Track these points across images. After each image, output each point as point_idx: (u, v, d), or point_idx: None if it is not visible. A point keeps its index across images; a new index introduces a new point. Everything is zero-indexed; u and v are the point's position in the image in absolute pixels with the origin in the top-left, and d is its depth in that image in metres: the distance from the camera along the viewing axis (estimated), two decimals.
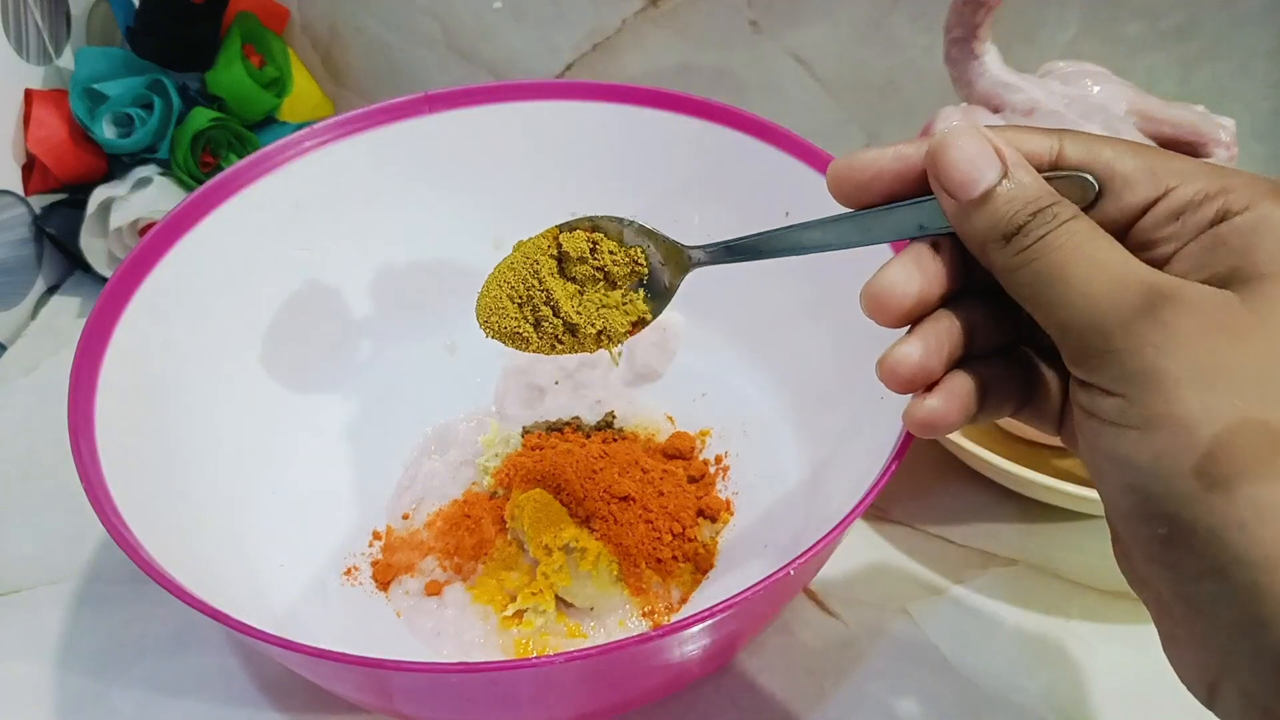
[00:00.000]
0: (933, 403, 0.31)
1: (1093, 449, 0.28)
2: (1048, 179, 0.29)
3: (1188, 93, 0.68)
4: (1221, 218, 0.27)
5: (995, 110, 0.53)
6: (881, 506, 0.52)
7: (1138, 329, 0.26)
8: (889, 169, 0.31)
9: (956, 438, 0.49)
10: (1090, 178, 0.29)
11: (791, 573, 0.33)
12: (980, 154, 0.29)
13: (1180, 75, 0.68)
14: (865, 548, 0.51)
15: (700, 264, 0.36)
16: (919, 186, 0.31)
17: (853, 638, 0.47)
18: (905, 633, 0.47)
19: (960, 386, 0.31)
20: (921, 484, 0.54)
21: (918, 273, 0.31)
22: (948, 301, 0.31)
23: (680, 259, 0.36)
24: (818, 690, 0.45)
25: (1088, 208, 0.29)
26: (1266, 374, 0.25)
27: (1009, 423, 0.52)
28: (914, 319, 0.31)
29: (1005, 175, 0.29)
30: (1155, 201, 0.28)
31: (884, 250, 0.42)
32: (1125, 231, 0.29)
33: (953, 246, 0.31)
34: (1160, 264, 0.28)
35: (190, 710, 0.45)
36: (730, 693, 0.45)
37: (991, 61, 0.55)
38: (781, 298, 0.52)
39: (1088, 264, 0.27)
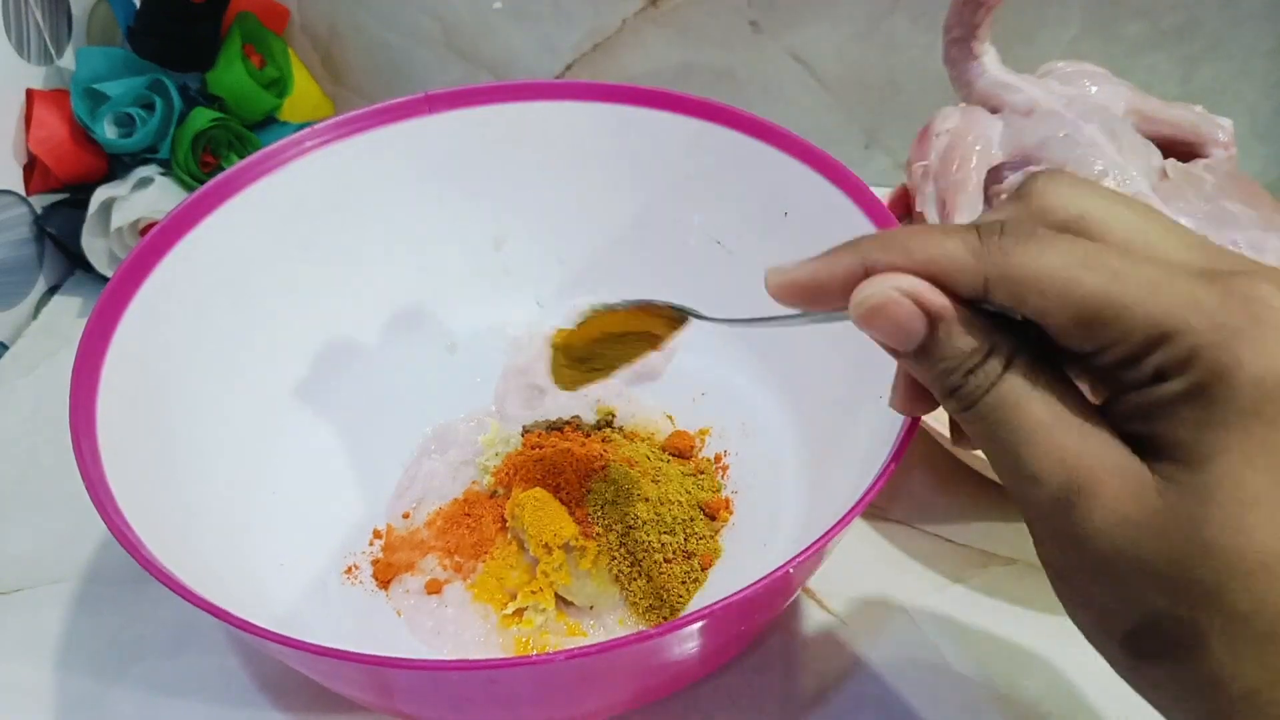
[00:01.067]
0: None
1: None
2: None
3: (1189, 93, 0.68)
4: (1158, 375, 0.25)
5: (994, 110, 0.54)
6: (881, 506, 0.53)
7: (1058, 523, 0.26)
8: (819, 292, 0.30)
9: None
10: (1019, 318, 0.27)
11: (791, 571, 0.33)
12: (903, 318, 0.27)
13: (1181, 75, 0.68)
14: (865, 547, 0.51)
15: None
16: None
17: (853, 637, 0.47)
18: (905, 632, 0.47)
19: None
20: (921, 483, 0.54)
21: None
22: None
23: (681, 316, 0.39)
24: (818, 690, 0.45)
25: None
26: (1174, 569, 0.25)
27: None
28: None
29: (931, 330, 0.27)
30: (1090, 355, 0.26)
31: None
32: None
33: None
34: (1107, 399, 0.27)
35: (190, 710, 0.45)
36: (730, 692, 0.45)
37: (990, 62, 0.55)
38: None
39: (1017, 436, 0.26)
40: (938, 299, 0.27)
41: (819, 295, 0.30)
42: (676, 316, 0.38)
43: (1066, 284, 0.25)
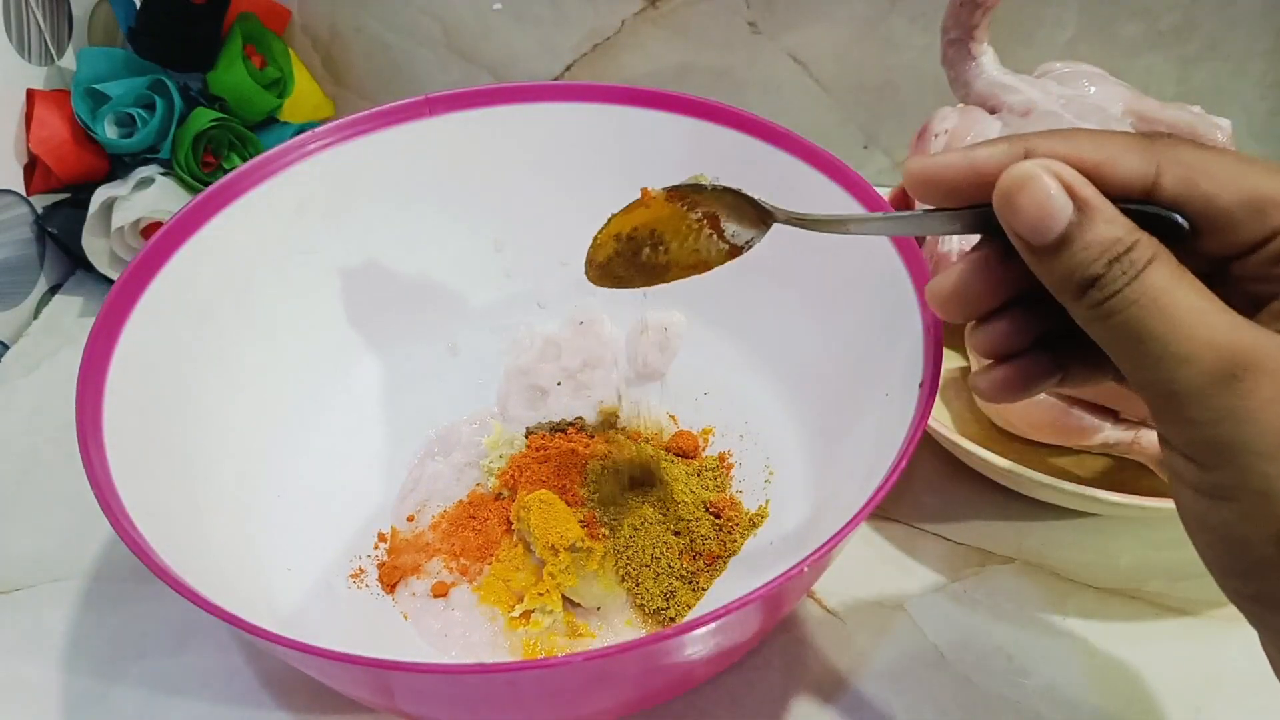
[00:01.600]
0: (997, 375, 0.31)
1: (1176, 501, 0.28)
2: (1134, 211, 0.27)
3: (1185, 93, 0.69)
4: None
5: (992, 111, 0.54)
6: (881, 505, 0.53)
7: (1215, 399, 0.25)
8: (967, 180, 0.29)
9: (955, 436, 0.49)
10: (1180, 220, 0.27)
11: (806, 569, 0.33)
12: (1050, 197, 0.27)
13: (1178, 75, 0.69)
14: (864, 546, 0.51)
15: (780, 222, 0.36)
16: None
17: (852, 636, 0.47)
18: (904, 631, 0.47)
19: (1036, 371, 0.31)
20: (920, 483, 0.54)
21: (979, 281, 0.30)
22: (1025, 296, 0.30)
23: (763, 214, 0.36)
24: (818, 689, 0.45)
25: (1180, 240, 0.27)
26: None
27: (1008, 421, 0.53)
28: (978, 316, 0.31)
29: (1078, 216, 0.27)
30: (1258, 245, 0.26)
31: None
32: (1223, 264, 0.27)
33: None
34: (1259, 301, 0.27)
35: (193, 708, 0.45)
36: (730, 692, 0.45)
37: (988, 62, 0.55)
38: (783, 296, 0.52)
39: (1165, 322, 0.25)
40: (1087, 185, 0.27)
41: (966, 184, 0.29)
42: (748, 221, 0.36)
43: (1238, 172, 0.26)
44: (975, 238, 0.31)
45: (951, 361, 0.58)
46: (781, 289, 0.52)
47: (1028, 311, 0.31)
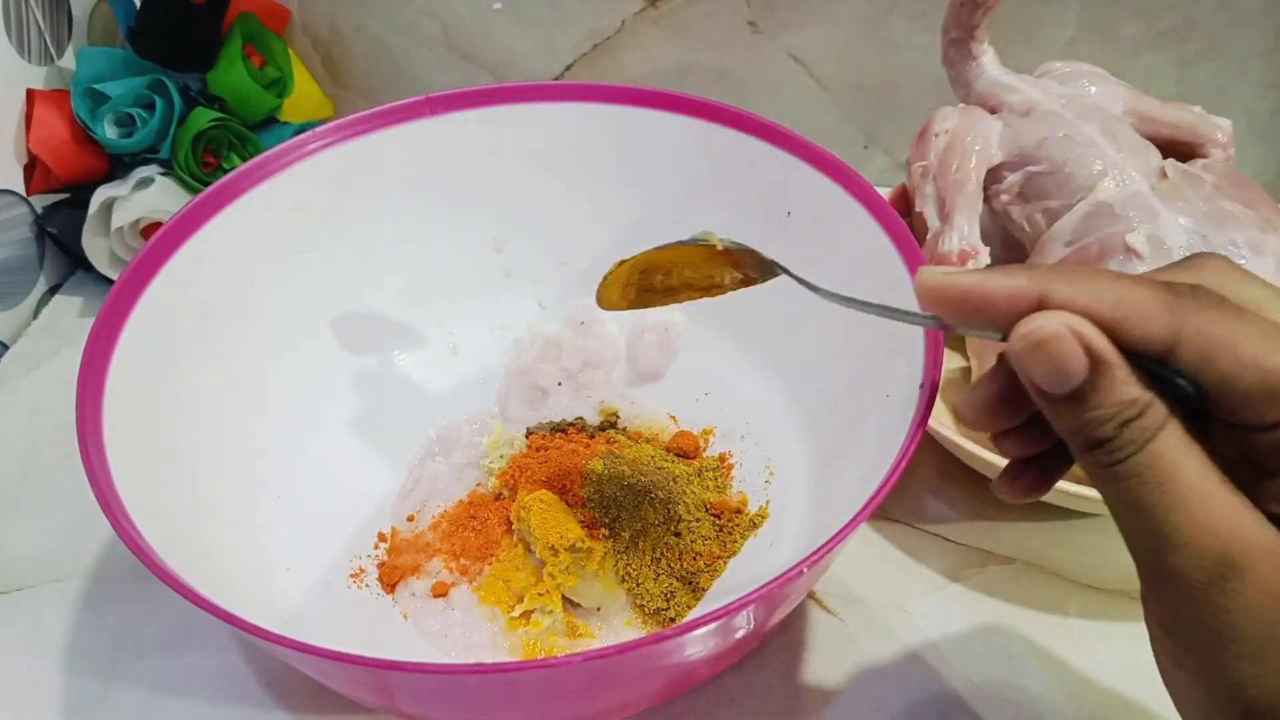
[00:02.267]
0: (1020, 484, 0.34)
1: (1155, 656, 0.29)
2: (1147, 367, 0.27)
3: (1185, 93, 0.69)
4: None
5: (993, 111, 0.54)
6: (881, 505, 0.52)
7: (1201, 591, 0.25)
8: (976, 306, 0.29)
9: (955, 436, 0.49)
10: (1190, 388, 0.26)
11: (805, 570, 0.33)
12: (1067, 355, 0.27)
13: (1178, 76, 0.69)
14: (865, 547, 0.51)
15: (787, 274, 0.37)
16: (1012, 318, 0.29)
17: (852, 637, 0.47)
18: (904, 631, 0.47)
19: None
20: (921, 483, 0.54)
21: (1005, 404, 0.31)
22: None
23: (772, 267, 0.37)
24: (818, 690, 0.45)
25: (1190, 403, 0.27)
26: None
27: None
28: (1005, 430, 0.33)
29: (1093, 374, 0.26)
30: (1270, 426, 0.26)
31: None
32: (1233, 429, 0.27)
33: None
34: (1265, 472, 0.27)
35: (193, 708, 0.45)
36: (730, 692, 0.45)
37: (989, 62, 0.55)
38: (783, 296, 0.52)
39: (1166, 501, 0.26)
40: (1106, 344, 0.26)
41: (975, 309, 0.29)
42: (759, 270, 0.37)
43: (1260, 351, 0.25)
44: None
45: (952, 362, 0.58)
46: (782, 288, 0.52)
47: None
